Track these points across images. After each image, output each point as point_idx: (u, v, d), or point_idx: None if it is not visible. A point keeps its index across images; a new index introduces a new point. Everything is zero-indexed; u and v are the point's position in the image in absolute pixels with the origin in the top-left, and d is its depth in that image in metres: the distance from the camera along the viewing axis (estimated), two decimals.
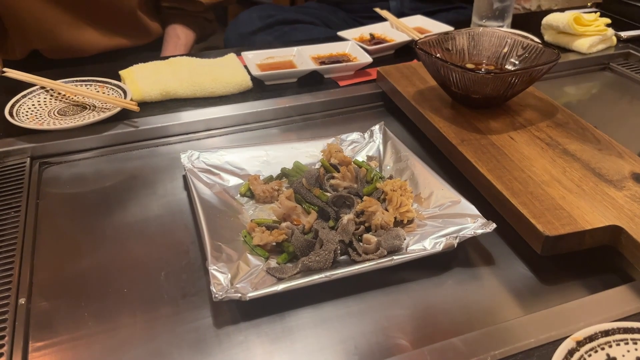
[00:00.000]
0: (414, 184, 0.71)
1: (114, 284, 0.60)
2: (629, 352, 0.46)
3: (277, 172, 0.75)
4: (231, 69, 0.97)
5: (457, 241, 0.60)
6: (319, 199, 0.67)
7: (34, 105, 0.88)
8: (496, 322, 0.54)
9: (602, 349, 0.46)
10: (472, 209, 0.63)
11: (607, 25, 1.13)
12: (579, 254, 0.60)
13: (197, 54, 1.05)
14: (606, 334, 0.46)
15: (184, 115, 0.89)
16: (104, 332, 0.54)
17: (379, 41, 1.14)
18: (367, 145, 0.81)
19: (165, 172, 0.79)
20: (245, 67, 0.99)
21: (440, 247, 0.59)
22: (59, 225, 0.69)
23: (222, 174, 0.74)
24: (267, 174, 0.75)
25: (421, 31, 1.17)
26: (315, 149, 0.79)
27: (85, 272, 0.62)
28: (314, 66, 0.99)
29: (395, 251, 0.60)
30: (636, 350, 0.46)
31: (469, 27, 1.16)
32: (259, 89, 0.97)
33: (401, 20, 1.20)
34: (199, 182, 0.71)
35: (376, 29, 1.18)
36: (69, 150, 0.82)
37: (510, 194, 0.63)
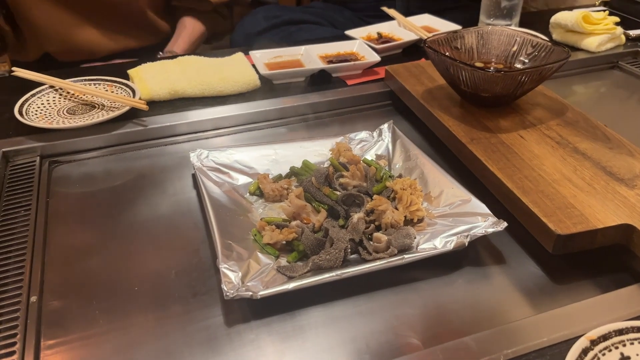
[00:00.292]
0: (424, 182, 0.71)
1: (125, 283, 0.60)
2: None
3: (286, 170, 0.75)
4: (239, 68, 0.97)
5: (468, 240, 0.59)
6: (329, 198, 0.67)
7: (43, 104, 0.89)
8: (507, 321, 0.54)
9: (616, 348, 0.45)
10: (482, 207, 0.63)
11: (616, 23, 1.13)
12: (590, 253, 0.60)
13: (205, 53, 1.05)
14: (620, 332, 0.46)
15: (193, 114, 0.89)
16: (115, 331, 0.54)
17: (386, 40, 1.13)
18: (376, 144, 0.81)
19: (174, 171, 0.79)
20: (253, 66, 0.99)
21: (451, 246, 0.59)
22: (69, 223, 0.69)
23: (231, 173, 0.74)
24: (276, 172, 0.75)
25: (429, 30, 1.16)
26: (323, 148, 0.79)
27: (95, 270, 0.62)
28: (321, 65, 0.99)
29: (405, 250, 0.60)
30: None
31: (476, 25, 1.16)
32: (267, 88, 0.97)
33: (409, 19, 1.20)
34: (208, 181, 0.71)
35: (383, 27, 1.18)
36: (78, 149, 0.82)
37: (521, 192, 0.63)
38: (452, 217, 0.64)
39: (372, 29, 1.17)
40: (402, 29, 1.17)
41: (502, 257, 0.63)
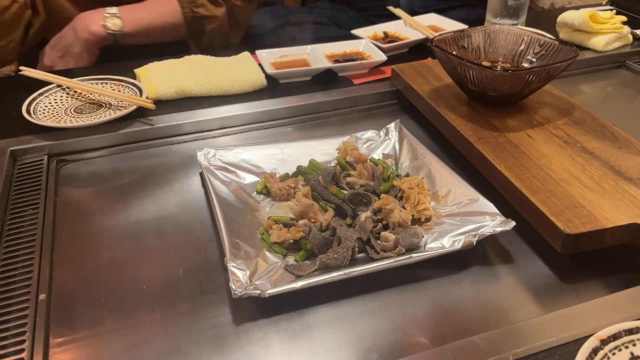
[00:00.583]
0: (431, 181, 0.71)
1: (133, 281, 0.60)
2: None
3: (292, 169, 0.75)
4: (246, 67, 0.98)
5: (476, 239, 0.59)
6: (336, 197, 0.67)
7: (50, 103, 0.89)
8: (515, 321, 0.54)
9: (626, 348, 0.45)
10: (490, 206, 0.63)
11: (623, 23, 1.12)
12: (598, 253, 0.60)
13: (212, 52, 1.05)
14: (630, 332, 0.46)
15: (199, 113, 0.89)
16: (124, 328, 0.55)
17: (392, 39, 1.13)
18: (382, 143, 0.81)
19: (181, 169, 0.79)
20: (259, 65, 0.99)
21: (459, 245, 0.59)
22: (77, 222, 0.69)
23: (238, 172, 0.74)
24: (282, 171, 0.75)
25: (435, 29, 1.16)
26: (330, 147, 0.79)
27: (103, 268, 0.62)
28: (328, 64, 0.99)
29: (413, 249, 0.60)
30: None
31: (482, 25, 1.16)
32: (274, 87, 0.97)
33: (415, 18, 1.19)
34: (215, 180, 0.71)
35: (390, 27, 1.18)
36: (85, 147, 0.82)
37: (529, 191, 0.63)
38: (460, 216, 0.64)
39: (378, 29, 1.17)
40: (408, 28, 1.17)
41: (510, 257, 0.63)
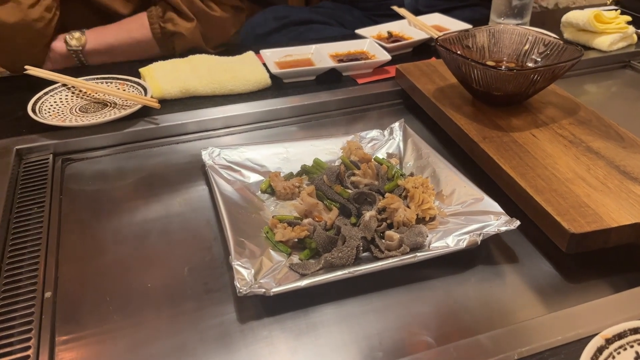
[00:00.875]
0: (436, 181, 0.71)
1: (138, 279, 0.60)
2: None
3: (297, 169, 0.75)
4: (250, 67, 0.98)
5: (480, 238, 0.59)
6: (341, 196, 0.67)
7: (55, 102, 0.89)
8: (520, 320, 0.54)
9: (631, 347, 0.45)
10: (495, 206, 0.63)
11: (628, 22, 1.12)
12: (603, 252, 0.60)
13: (216, 52, 1.06)
14: (635, 331, 0.46)
15: (204, 112, 0.89)
16: (129, 327, 0.55)
17: (396, 39, 1.13)
18: (386, 142, 0.81)
19: (185, 168, 0.80)
20: (264, 65, 0.99)
21: (463, 244, 0.59)
22: (82, 220, 0.70)
23: (242, 171, 0.74)
24: (287, 170, 0.75)
25: (439, 29, 1.16)
26: (334, 146, 0.79)
27: (109, 267, 0.62)
28: (332, 64, 0.99)
29: (417, 248, 0.60)
30: None
31: (487, 24, 1.16)
32: (278, 86, 0.97)
33: (419, 18, 1.19)
34: (220, 179, 0.71)
35: (394, 27, 1.18)
36: (90, 146, 0.83)
37: (534, 191, 0.63)
38: (465, 215, 0.64)
39: (383, 28, 1.17)
40: (412, 28, 1.17)
41: (514, 256, 0.63)
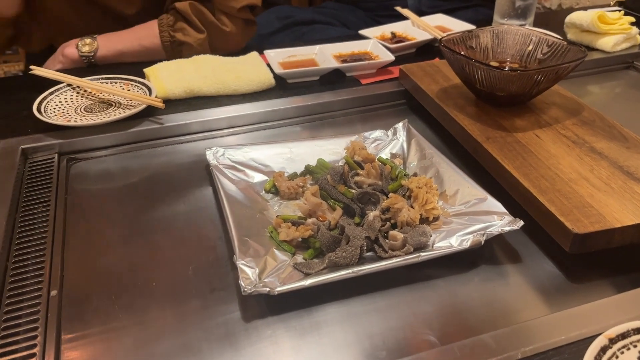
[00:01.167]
0: (439, 181, 0.71)
1: (143, 278, 0.61)
2: None
3: (301, 169, 0.75)
4: (254, 67, 0.98)
5: (484, 238, 0.59)
6: (345, 196, 0.67)
7: (60, 102, 0.90)
8: (523, 319, 0.54)
9: (635, 347, 0.45)
10: (498, 206, 0.63)
11: (631, 23, 1.12)
12: (606, 252, 0.60)
13: (220, 52, 1.06)
14: (638, 331, 0.46)
15: (208, 112, 0.89)
16: (134, 325, 0.55)
17: (400, 40, 1.13)
18: (390, 142, 0.81)
19: (190, 168, 0.80)
20: (267, 65, 0.99)
21: (467, 244, 0.59)
22: (87, 220, 0.70)
23: (247, 171, 0.74)
24: (291, 170, 0.75)
25: (443, 30, 1.16)
26: (338, 147, 0.80)
27: (114, 265, 0.63)
28: (336, 64, 1.00)
29: (421, 248, 0.60)
30: None
31: (490, 25, 1.16)
32: (282, 87, 0.97)
33: (422, 18, 1.20)
34: (224, 179, 0.71)
35: (397, 27, 1.18)
36: (95, 146, 0.83)
37: (537, 191, 0.63)
38: (468, 215, 0.64)
39: (386, 29, 1.17)
40: (415, 28, 1.17)
41: (518, 256, 0.63)
